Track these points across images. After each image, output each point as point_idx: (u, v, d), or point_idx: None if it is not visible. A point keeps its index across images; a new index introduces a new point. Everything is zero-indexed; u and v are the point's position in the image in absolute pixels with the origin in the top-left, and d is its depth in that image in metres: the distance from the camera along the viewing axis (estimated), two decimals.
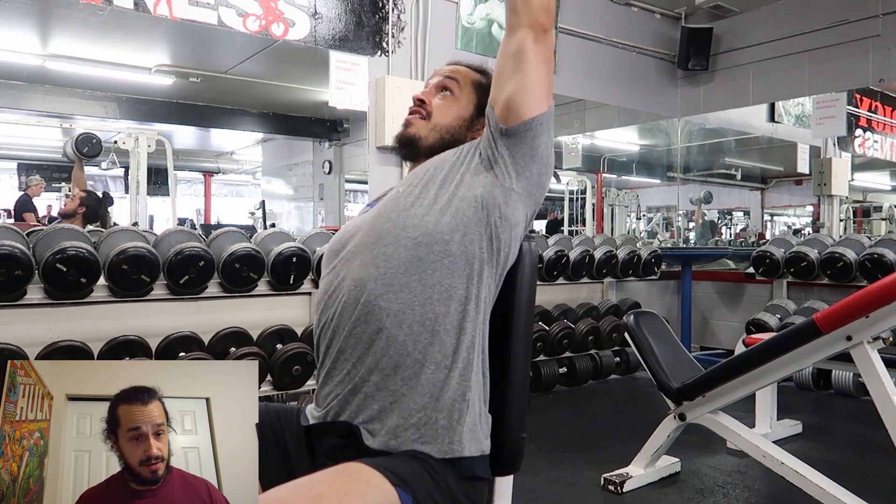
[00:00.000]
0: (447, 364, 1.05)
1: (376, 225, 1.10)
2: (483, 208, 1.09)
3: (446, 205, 1.09)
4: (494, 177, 1.11)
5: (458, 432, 1.05)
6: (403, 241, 1.07)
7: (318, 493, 0.90)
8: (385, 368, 1.04)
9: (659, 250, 4.70)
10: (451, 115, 1.24)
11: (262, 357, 2.88)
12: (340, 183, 7.60)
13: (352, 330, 1.06)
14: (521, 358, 1.18)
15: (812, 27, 4.52)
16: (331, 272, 1.14)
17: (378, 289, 1.05)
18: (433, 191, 1.11)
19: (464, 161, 1.15)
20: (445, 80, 1.27)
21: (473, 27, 4.01)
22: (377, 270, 1.06)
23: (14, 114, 5.80)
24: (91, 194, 4.22)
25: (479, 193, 1.09)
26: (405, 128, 1.25)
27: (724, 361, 2.35)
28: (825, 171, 5.20)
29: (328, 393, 1.09)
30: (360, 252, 1.09)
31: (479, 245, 1.08)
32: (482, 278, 1.09)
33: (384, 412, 1.04)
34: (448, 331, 1.06)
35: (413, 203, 1.10)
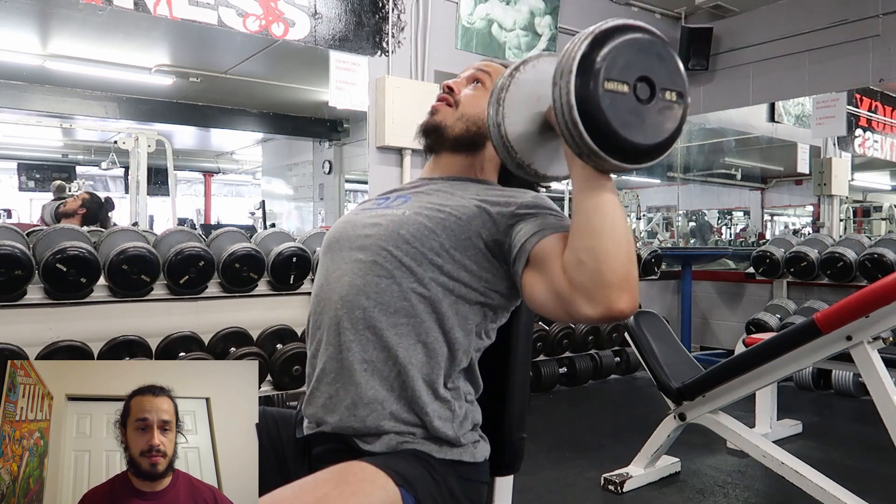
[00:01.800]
0: (447, 364, 1.05)
1: (382, 235, 1.05)
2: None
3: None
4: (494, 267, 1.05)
5: (459, 433, 1.05)
6: (404, 248, 1.03)
7: (324, 493, 0.89)
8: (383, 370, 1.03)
9: (659, 250, 4.70)
10: (480, 107, 1.14)
11: (262, 357, 2.88)
12: (340, 183, 7.60)
13: (341, 332, 1.03)
14: (521, 358, 1.18)
15: (812, 27, 4.52)
16: (330, 263, 1.10)
17: (370, 299, 1.02)
18: (442, 238, 1.04)
19: (477, 220, 1.04)
20: (477, 73, 1.21)
21: (473, 27, 4.01)
22: (380, 272, 1.04)
23: (14, 114, 5.79)
24: (93, 197, 4.20)
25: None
26: (431, 115, 1.19)
27: (724, 361, 2.35)
28: (825, 171, 5.20)
29: (319, 404, 1.06)
30: (361, 251, 1.07)
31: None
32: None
33: (381, 416, 1.02)
34: (442, 332, 1.04)
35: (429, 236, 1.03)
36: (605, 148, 0.81)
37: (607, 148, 0.81)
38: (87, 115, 6.03)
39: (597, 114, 0.79)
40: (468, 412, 1.08)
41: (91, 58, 5.05)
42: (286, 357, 2.91)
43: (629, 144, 0.81)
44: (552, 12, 4.36)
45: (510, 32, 4.19)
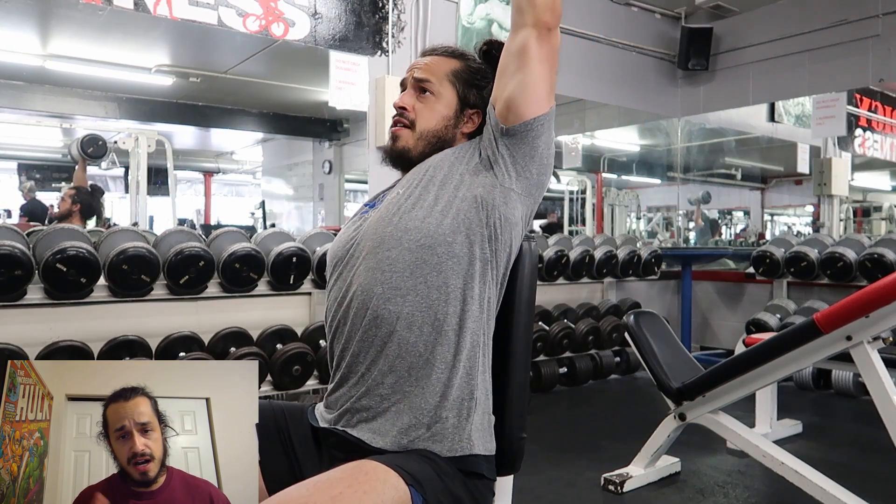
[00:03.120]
0: (455, 364, 1.07)
1: (378, 229, 1.10)
2: (483, 208, 1.09)
3: (447, 206, 1.09)
4: (494, 176, 1.11)
5: (467, 430, 1.06)
6: (406, 245, 1.07)
7: (339, 492, 0.91)
8: (398, 370, 1.06)
9: (659, 250, 4.70)
10: (435, 118, 1.20)
11: (262, 357, 2.88)
12: (340, 183, 7.60)
13: (364, 335, 1.08)
14: (521, 358, 1.18)
15: (812, 27, 4.52)
16: (338, 279, 1.14)
17: (385, 293, 1.06)
18: (433, 192, 1.11)
19: (462, 160, 1.15)
20: (423, 84, 1.21)
21: (473, 27, 4.01)
22: (382, 275, 1.07)
23: (14, 114, 5.79)
24: (80, 190, 4.14)
25: (479, 193, 1.10)
26: (393, 142, 1.22)
27: (724, 361, 2.35)
28: (825, 171, 5.20)
29: (342, 395, 1.11)
30: (365, 257, 1.10)
31: (480, 246, 1.09)
32: (485, 278, 1.10)
33: (397, 412, 1.05)
34: (455, 331, 1.07)
35: (414, 205, 1.10)
36: None
37: None
38: (87, 115, 6.04)
39: None
40: (479, 411, 1.09)
41: (91, 58, 5.06)
42: (286, 357, 2.91)
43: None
44: None
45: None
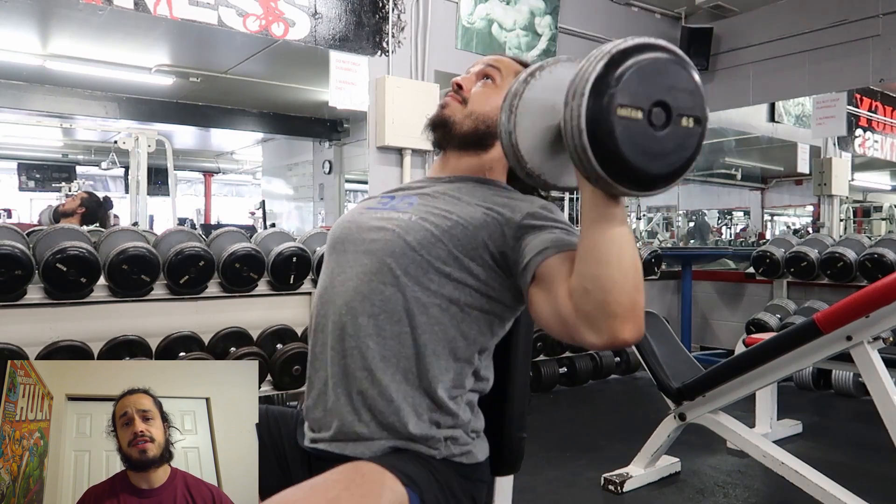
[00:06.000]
0: (449, 365, 1.04)
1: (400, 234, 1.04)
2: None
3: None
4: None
5: (460, 433, 1.05)
6: (410, 256, 1.02)
7: (335, 494, 0.89)
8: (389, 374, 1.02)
9: (659, 250, 4.70)
10: (490, 104, 1.14)
11: (262, 357, 2.88)
12: (340, 183, 7.59)
13: (350, 337, 1.04)
14: (521, 358, 1.18)
15: (812, 27, 4.52)
16: (336, 266, 1.10)
17: (374, 307, 1.02)
18: (449, 246, 1.03)
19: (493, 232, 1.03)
20: (487, 69, 1.19)
21: (473, 27, 4.01)
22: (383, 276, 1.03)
23: (14, 114, 5.79)
24: (92, 196, 4.19)
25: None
26: (441, 109, 1.17)
27: (724, 361, 2.35)
28: (825, 171, 5.19)
29: (321, 415, 1.06)
30: (367, 255, 1.06)
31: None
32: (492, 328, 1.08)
33: (385, 418, 1.03)
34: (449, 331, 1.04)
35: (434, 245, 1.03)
36: (615, 175, 0.77)
37: (617, 175, 0.77)
38: (87, 115, 6.03)
39: (607, 141, 0.76)
40: (469, 418, 1.08)
41: (91, 58, 5.05)
42: (286, 357, 2.91)
43: (640, 173, 0.78)
44: (552, 12, 4.36)
45: (510, 32, 4.20)
